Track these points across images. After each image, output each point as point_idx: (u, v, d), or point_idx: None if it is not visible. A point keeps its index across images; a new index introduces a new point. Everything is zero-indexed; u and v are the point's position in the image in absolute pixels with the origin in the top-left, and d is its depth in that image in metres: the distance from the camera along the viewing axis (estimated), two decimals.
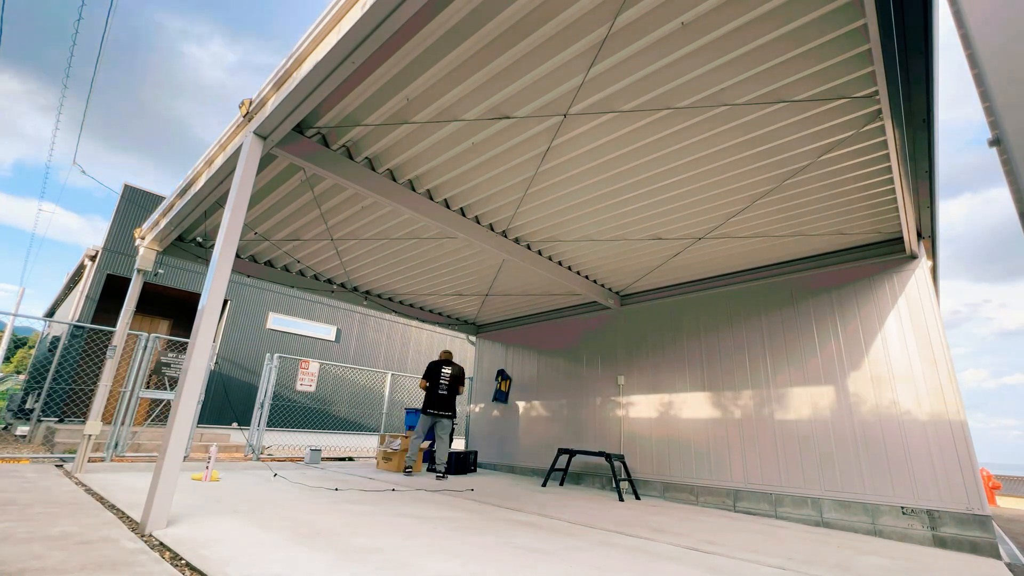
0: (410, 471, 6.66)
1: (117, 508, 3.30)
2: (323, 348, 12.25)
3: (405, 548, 2.73)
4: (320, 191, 4.59)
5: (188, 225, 5.15)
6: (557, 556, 2.80)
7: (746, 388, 5.51)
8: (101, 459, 6.15)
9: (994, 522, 3.89)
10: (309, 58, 2.85)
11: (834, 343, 5.00)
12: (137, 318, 10.58)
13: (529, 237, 5.35)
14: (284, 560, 2.35)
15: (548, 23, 2.66)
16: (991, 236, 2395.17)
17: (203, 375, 3.09)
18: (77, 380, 8.93)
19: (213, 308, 3.12)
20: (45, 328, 11.75)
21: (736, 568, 2.83)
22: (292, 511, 3.56)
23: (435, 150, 3.89)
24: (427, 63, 2.98)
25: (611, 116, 3.34)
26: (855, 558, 3.33)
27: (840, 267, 5.14)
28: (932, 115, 2.81)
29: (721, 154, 3.66)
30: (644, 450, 6.27)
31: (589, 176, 4.08)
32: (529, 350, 8.44)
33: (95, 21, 7.51)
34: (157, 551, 2.37)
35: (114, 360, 5.28)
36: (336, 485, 5.16)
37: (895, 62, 2.47)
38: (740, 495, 5.22)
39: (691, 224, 4.77)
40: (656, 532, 3.73)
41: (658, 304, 6.69)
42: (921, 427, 4.29)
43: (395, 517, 3.62)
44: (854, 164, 3.66)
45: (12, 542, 2.33)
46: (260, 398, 7.97)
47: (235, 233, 3.28)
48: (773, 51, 2.73)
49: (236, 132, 3.67)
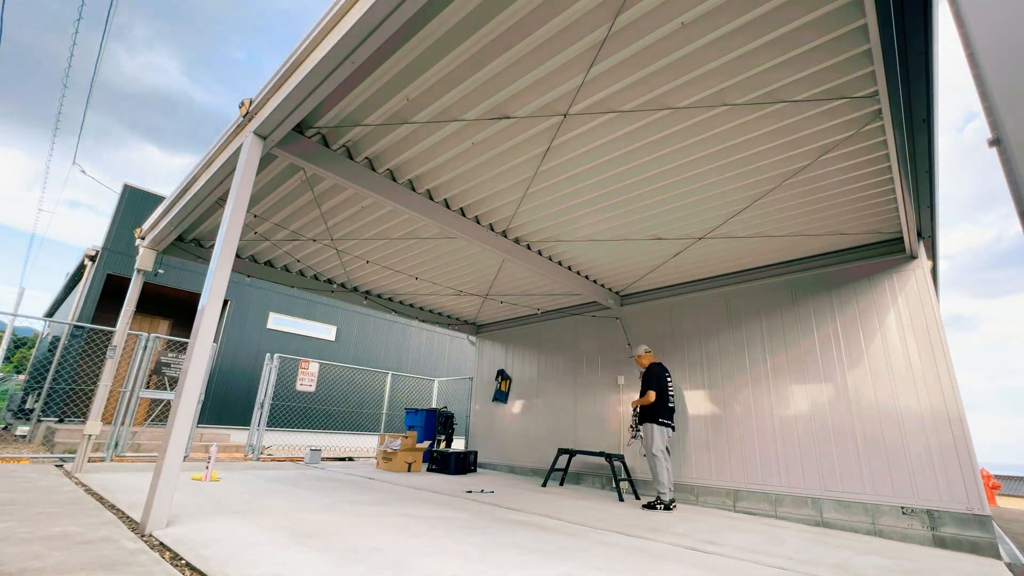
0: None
1: (117, 508, 3.30)
2: (323, 348, 12.25)
3: (405, 548, 2.73)
4: (320, 191, 4.59)
5: (188, 225, 5.14)
6: (557, 556, 2.80)
7: (746, 388, 5.51)
8: (101, 459, 6.15)
9: (994, 522, 3.89)
10: (309, 58, 2.85)
11: (834, 343, 5.00)
12: (137, 318, 10.59)
13: (529, 237, 5.35)
14: (284, 560, 2.35)
15: (548, 23, 2.66)
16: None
17: (203, 375, 3.09)
18: (77, 380, 8.93)
19: (213, 308, 3.12)
20: (45, 328, 11.75)
21: (736, 568, 2.83)
22: (292, 511, 3.56)
23: (435, 150, 3.89)
24: (427, 63, 2.98)
25: (611, 116, 3.34)
26: (855, 558, 3.33)
27: (840, 267, 5.14)
28: (932, 115, 2.81)
29: (721, 154, 3.66)
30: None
31: (589, 176, 4.08)
32: (529, 350, 8.44)
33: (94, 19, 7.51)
34: (157, 551, 2.37)
35: (114, 360, 5.28)
36: (337, 485, 5.16)
37: (895, 62, 2.47)
38: (740, 495, 5.22)
39: (691, 224, 4.77)
40: (656, 532, 3.73)
41: (658, 304, 6.69)
42: (921, 427, 4.29)
43: (395, 517, 3.62)
44: (854, 164, 3.66)
45: (12, 542, 2.33)
46: (260, 398, 7.97)
47: (235, 233, 3.27)
48: (773, 51, 2.73)
49: (236, 132, 3.67)
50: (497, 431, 8.57)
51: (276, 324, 11.61)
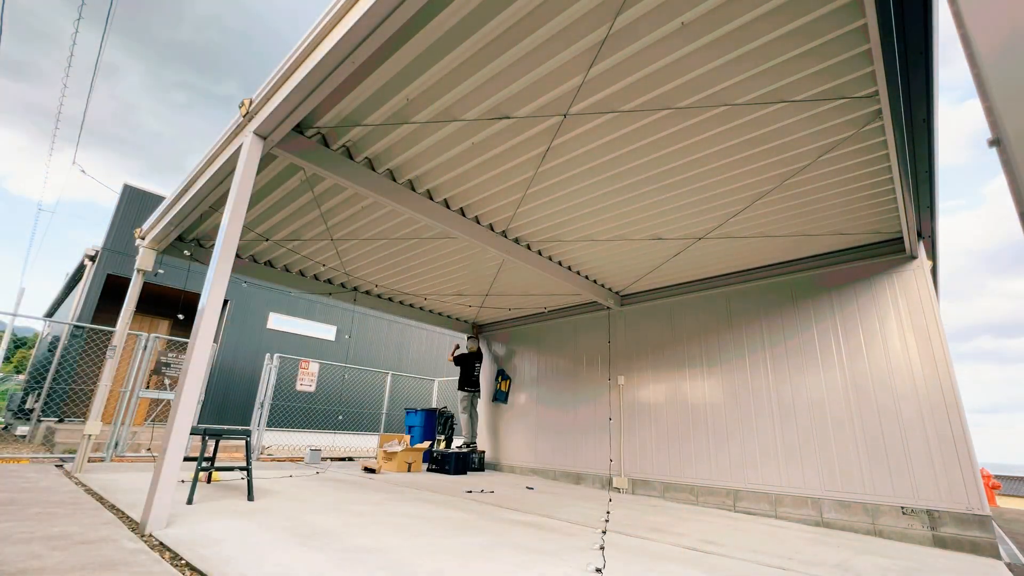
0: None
1: (117, 508, 3.30)
2: (323, 348, 12.24)
3: (405, 548, 2.73)
4: (320, 191, 4.59)
5: (188, 225, 5.15)
6: (556, 556, 2.80)
7: (746, 388, 5.51)
8: (101, 459, 6.15)
9: (994, 522, 3.89)
10: (309, 58, 2.85)
11: (834, 342, 5.00)
12: (137, 318, 10.58)
13: (529, 237, 5.35)
14: (284, 560, 2.35)
15: (548, 23, 2.66)
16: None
17: (203, 375, 3.09)
18: (77, 380, 8.93)
19: (213, 308, 3.12)
20: (45, 328, 11.75)
21: (736, 568, 2.83)
22: (292, 511, 3.56)
23: (435, 150, 3.89)
24: (427, 63, 2.98)
25: (611, 116, 3.34)
26: (855, 558, 3.33)
27: (840, 267, 5.14)
28: (932, 115, 2.81)
29: (721, 154, 3.66)
30: (644, 450, 6.27)
31: (589, 176, 4.08)
32: (529, 350, 8.44)
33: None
34: (157, 551, 2.37)
35: (114, 360, 5.28)
36: (337, 485, 5.15)
37: (895, 62, 2.47)
38: (740, 495, 5.22)
39: (691, 224, 4.77)
40: (656, 532, 3.73)
41: (658, 304, 6.68)
42: (921, 427, 4.29)
43: (395, 517, 3.62)
44: (854, 164, 3.66)
45: (12, 542, 2.33)
46: (260, 398, 7.96)
47: (235, 233, 3.28)
48: (773, 51, 2.73)
49: (236, 132, 3.67)
50: (497, 431, 8.57)
51: (276, 324, 11.62)
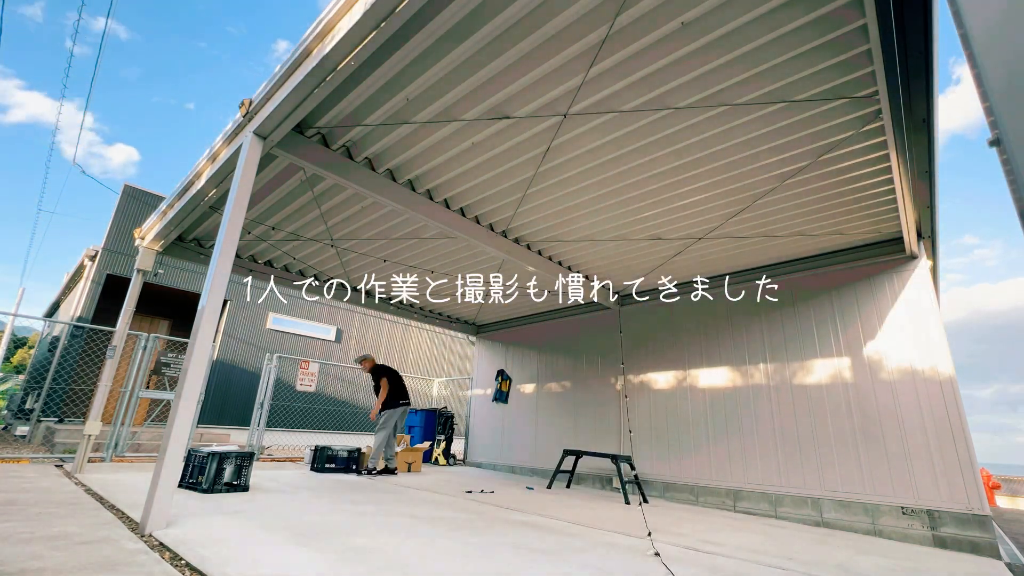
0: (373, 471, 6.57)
1: (117, 508, 3.30)
2: (323, 348, 12.24)
3: (405, 548, 2.73)
4: (320, 191, 4.59)
5: (188, 225, 5.14)
6: (557, 556, 2.80)
7: (745, 388, 5.51)
8: (101, 459, 6.14)
9: (994, 522, 3.89)
10: (309, 58, 2.85)
11: (834, 343, 5.00)
12: (137, 318, 10.58)
13: (529, 237, 5.35)
14: (284, 560, 2.35)
15: (548, 23, 2.66)
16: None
17: (203, 375, 3.09)
18: (77, 380, 8.92)
19: (213, 308, 3.11)
20: (45, 328, 11.75)
21: (736, 568, 2.83)
22: (292, 511, 3.56)
23: (435, 150, 3.89)
24: (427, 63, 2.98)
25: (611, 116, 3.34)
26: (855, 558, 3.33)
27: (840, 267, 5.13)
28: (932, 115, 2.81)
29: (721, 154, 3.66)
30: (644, 450, 6.27)
31: (589, 176, 4.07)
32: (529, 350, 8.44)
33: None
34: (157, 551, 2.37)
35: (114, 360, 5.28)
36: (336, 485, 5.15)
37: (895, 62, 2.47)
38: (740, 495, 5.22)
39: (691, 224, 4.77)
40: (656, 532, 3.72)
41: (658, 304, 6.69)
42: (921, 427, 4.29)
43: (395, 517, 3.62)
44: (854, 164, 3.66)
45: (12, 542, 2.33)
46: (260, 398, 7.96)
47: (235, 233, 3.27)
48: (773, 51, 2.73)
49: (236, 132, 3.67)
50: (497, 431, 8.57)
51: (276, 324, 11.61)
